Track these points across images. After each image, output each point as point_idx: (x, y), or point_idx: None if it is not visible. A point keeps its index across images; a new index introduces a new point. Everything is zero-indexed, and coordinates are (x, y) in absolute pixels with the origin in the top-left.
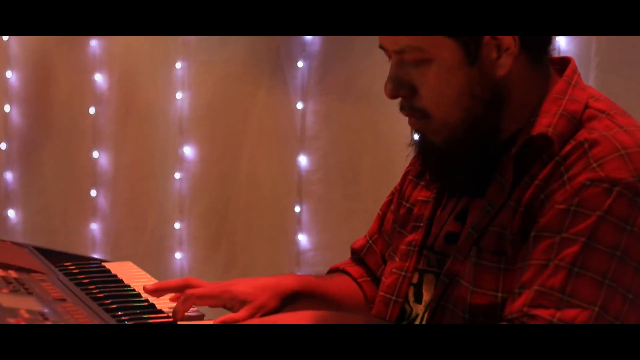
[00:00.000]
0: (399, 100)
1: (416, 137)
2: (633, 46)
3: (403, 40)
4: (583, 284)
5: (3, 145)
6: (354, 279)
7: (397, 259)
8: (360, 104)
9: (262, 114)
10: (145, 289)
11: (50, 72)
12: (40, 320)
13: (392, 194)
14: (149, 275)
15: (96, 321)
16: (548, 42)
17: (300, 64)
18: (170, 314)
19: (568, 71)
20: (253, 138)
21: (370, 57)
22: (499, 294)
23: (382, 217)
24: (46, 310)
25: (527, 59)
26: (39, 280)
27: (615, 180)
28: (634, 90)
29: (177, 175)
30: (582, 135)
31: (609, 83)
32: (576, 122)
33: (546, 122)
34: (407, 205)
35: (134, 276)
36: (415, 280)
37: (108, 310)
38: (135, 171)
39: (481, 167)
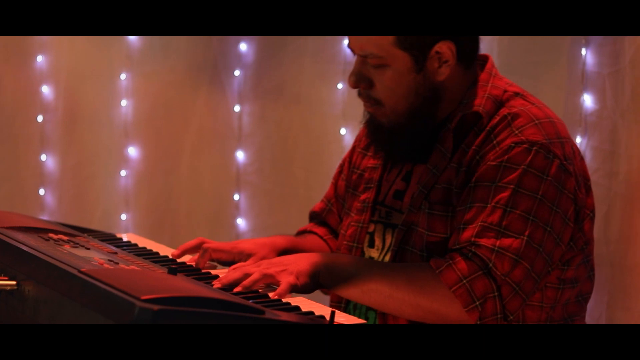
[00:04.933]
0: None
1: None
2: (532, 47)
3: (368, 49)
4: (514, 219)
5: None
6: (321, 237)
7: (354, 214)
8: (291, 105)
9: (202, 116)
10: (172, 255)
11: None
12: (113, 264)
13: (341, 165)
14: (151, 241)
15: (152, 266)
16: (476, 51)
17: (236, 72)
18: (194, 265)
19: (488, 65)
20: (194, 137)
21: (299, 65)
22: (448, 234)
23: (335, 185)
24: (111, 259)
25: (460, 66)
26: (85, 241)
27: (532, 142)
28: (540, 89)
29: (123, 173)
30: (504, 111)
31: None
32: (498, 102)
33: (477, 102)
34: (358, 171)
35: (142, 242)
36: (370, 229)
37: (152, 261)
38: (82, 171)
39: (419, 142)
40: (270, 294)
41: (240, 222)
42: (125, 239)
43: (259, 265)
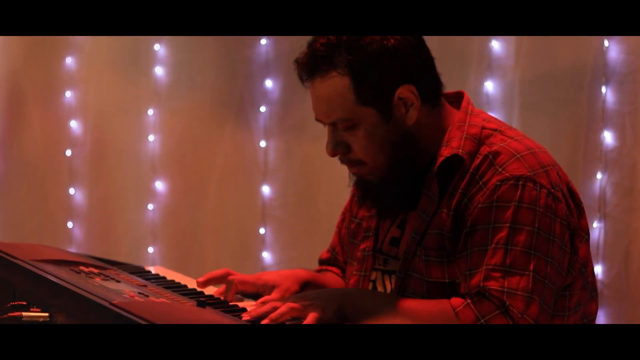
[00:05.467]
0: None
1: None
2: (552, 84)
3: (334, 115)
4: (517, 256)
5: None
6: (337, 274)
7: (355, 264)
8: (315, 141)
9: (228, 151)
10: (197, 282)
11: (26, 119)
12: (143, 297)
13: (343, 213)
14: (179, 273)
15: (181, 299)
16: (439, 90)
17: (262, 108)
18: (221, 298)
19: (464, 103)
20: (220, 172)
21: None
22: (446, 280)
23: (339, 233)
24: (141, 291)
25: (427, 106)
26: (115, 274)
27: (517, 176)
28: (560, 127)
29: (150, 207)
30: (485, 149)
31: (532, 120)
32: (477, 141)
33: (455, 144)
34: (356, 221)
35: (170, 274)
36: (373, 277)
37: (181, 294)
38: (109, 204)
39: (408, 190)
40: None
41: (266, 255)
42: (153, 271)
43: (287, 300)
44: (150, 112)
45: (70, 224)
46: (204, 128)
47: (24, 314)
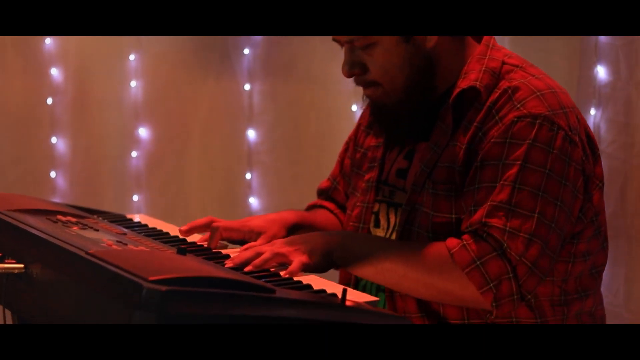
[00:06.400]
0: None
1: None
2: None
3: None
4: (524, 196)
5: None
6: (331, 211)
7: (359, 194)
8: (301, 83)
9: (212, 96)
10: (180, 230)
11: (5, 68)
12: (121, 245)
13: (347, 143)
14: (162, 221)
15: (161, 247)
16: None
17: (246, 51)
18: (205, 245)
19: (485, 37)
20: (204, 117)
21: (308, 44)
22: (453, 215)
23: (341, 162)
24: (119, 240)
25: None
26: (94, 223)
27: (535, 115)
28: (552, 62)
29: (134, 154)
30: (504, 84)
31: (523, 54)
32: (497, 75)
33: (474, 77)
34: (362, 150)
35: (153, 222)
36: (375, 209)
37: (162, 241)
38: (93, 153)
39: (422, 118)
40: (282, 273)
41: (253, 201)
42: (137, 219)
43: (272, 245)
44: (132, 57)
45: (53, 174)
46: (187, 73)
47: None
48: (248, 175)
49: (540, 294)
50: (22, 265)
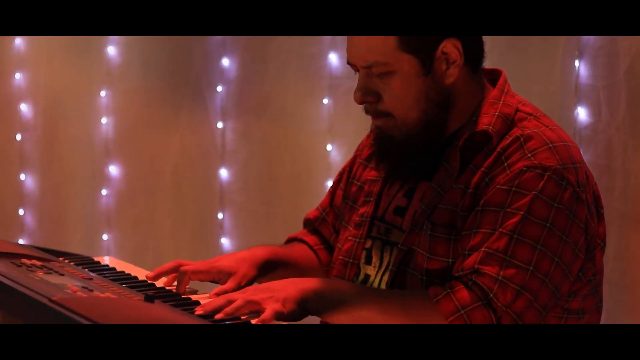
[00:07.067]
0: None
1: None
2: (524, 58)
3: (371, 58)
4: (521, 248)
5: None
6: (310, 247)
7: (351, 228)
8: (275, 121)
9: (185, 133)
10: (147, 277)
11: None
12: (87, 292)
13: (341, 173)
14: (131, 265)
15: (127, 293)
16: (482, 56)
17: (219, 88)
18: (173, 290)
19: (501, 81)
20: (176, 155)
21: (283, 80)
22: (450, 259)
23: (332, 193)
24: (85, 285)
25: (468, 69)
26: (59, 267)
27: (546, 167)
28: (532, 102)
29: (104, 192)
30: (517, 132)
31: None
32: (509, 122)
33: (486, 121)
34: (358, 183)
35: (122, 266)
36: (368, 245)
37: (130, 287)
38: (62, 191)
39: (429, 156)
40: (253, 321)
41: (225, 241)
42: (106, 262)
43: (244, 292)
44: (103, 93)
45: (21, 211)
46: (159, 109)
47: None
48: (220, 215)
49: (587, 307)
50: None
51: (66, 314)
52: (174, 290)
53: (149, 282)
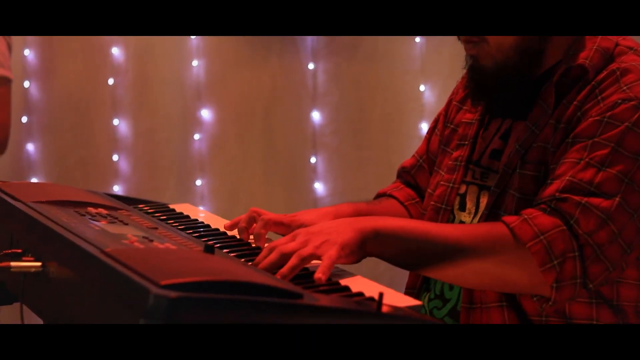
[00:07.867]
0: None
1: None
2: None
3: None
4: (608, 179)
5: (24, 119)
6: (401, 203)
7: (443, 173)
8: (367, 62)
9: (275, 76)
10: (225, 227)
11: (67, 48)
12: (145, 242)
13: (436, 119)
14: (208, 212)
15: (190, 243)
16: None
17: None
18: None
19: None
20: (267, 97)
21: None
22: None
23: (428, 139)
24: (147, 235)
25: None
26: (126, 215)
27: None
28: None
29: (197, 137)
30: (614, 66)
31: None
32: (608, 56)
33: (584, 55)
34: (452, 126)
35: (196, 213)
36: (462, 191)
37: (196, 237)
38: (155, 136)
39: (525, 92)
40: (315, 276)
41: (318, 186)
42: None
43: (295, 237)
44: (193, 36)
45: (115, 157)
46: (249, 50)
47: (12, 263)
48: (313, 159)
49: (624, 297)
50: (39, 264)
51: (115, 267)
52: (252, 241)
53: (221, 231)
